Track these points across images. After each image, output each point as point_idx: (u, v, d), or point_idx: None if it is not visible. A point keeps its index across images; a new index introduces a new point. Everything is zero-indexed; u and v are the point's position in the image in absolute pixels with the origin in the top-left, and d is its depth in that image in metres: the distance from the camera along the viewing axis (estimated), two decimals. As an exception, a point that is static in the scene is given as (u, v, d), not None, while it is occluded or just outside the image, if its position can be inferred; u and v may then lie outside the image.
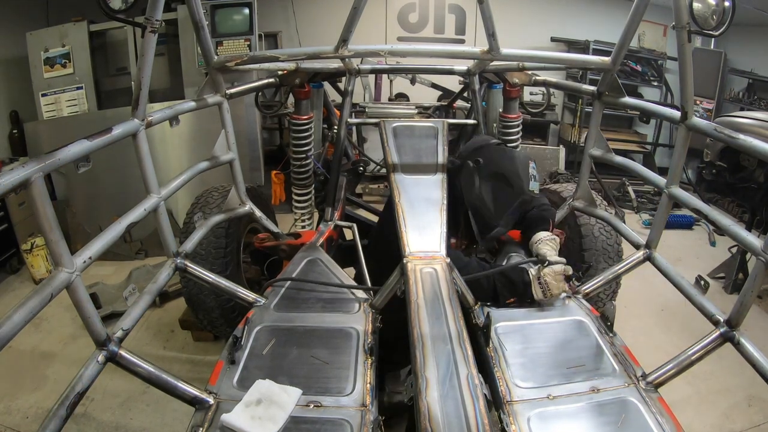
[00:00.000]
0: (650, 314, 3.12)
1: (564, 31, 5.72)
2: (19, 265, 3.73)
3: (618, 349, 1.47)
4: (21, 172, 1.07)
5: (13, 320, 1.01)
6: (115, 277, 3.53)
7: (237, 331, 1.50)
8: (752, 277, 1.31)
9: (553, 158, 5.63)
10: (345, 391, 1.30)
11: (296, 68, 2.45)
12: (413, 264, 1.56)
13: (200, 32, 1.88)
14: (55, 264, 1.18)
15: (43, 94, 4.03)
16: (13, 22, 4.18)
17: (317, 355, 1.43)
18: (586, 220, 2.31)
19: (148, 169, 1.62)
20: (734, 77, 5.38)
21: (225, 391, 1.31)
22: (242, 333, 1.50)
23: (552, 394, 1.29)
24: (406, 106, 3.19)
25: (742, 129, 2.27)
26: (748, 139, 1.34)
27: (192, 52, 3.89)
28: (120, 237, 1.43)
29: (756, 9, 4.25)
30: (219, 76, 2.05)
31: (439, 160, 2.02)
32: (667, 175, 1.71)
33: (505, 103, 2.63)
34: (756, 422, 2.30)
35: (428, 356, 1.16)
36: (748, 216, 3.62)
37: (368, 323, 1.57)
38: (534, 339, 1.51)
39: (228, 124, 2.10)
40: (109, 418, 2.28)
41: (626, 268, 1.84)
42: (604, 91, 1.98)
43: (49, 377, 2.57)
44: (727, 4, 1.53)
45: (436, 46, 2.07)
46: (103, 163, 3.32)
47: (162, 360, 2.60)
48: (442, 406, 1.03)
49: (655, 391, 1.32)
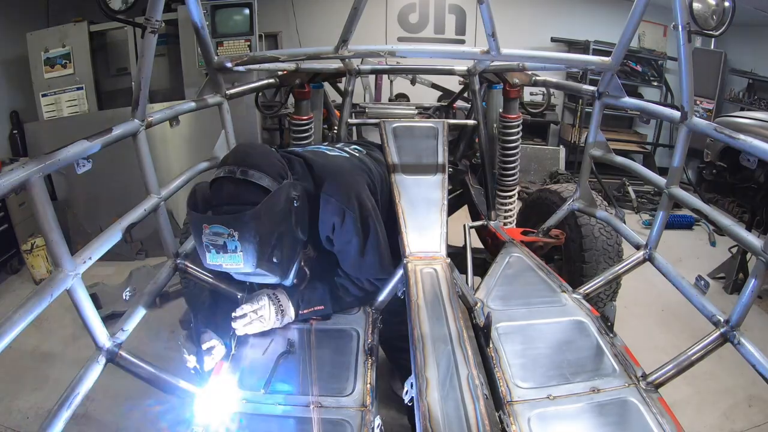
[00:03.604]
0: (650, 314, 3.12)
1: (564, 31, 5.72)
2: (20, 265, 3.73)
3: (618, 350, 1.47)
4: (21, 172, 1.07)
5: (13, 321, 1.01)
6: (115, 277, 3.53)
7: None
8: (752, 277, 1.31)
9: (553, 158, 5.64)
10: (345, 391, 1.30)
11: (296, 68, 2.45)
12: (413, 264, 1.56)
13: (200, 32, 1.88)
14: (55, 264, 1.18)
15: (44, 95, 4.03)
16: (13, 22, 4.19)
17: (317, 355, 1.43)
18: (586, 221, 2.31)
19: (148, 170, 1.62)
20: (734, 77, 5.37)
21: (225, 391, 1.30)
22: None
23: (552, 394, 1.29)
24: (407, 107, 3.20)
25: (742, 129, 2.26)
26: (748, 139, 1.34)
27: (192, 52, 3.88)
28: (120, 238, 1.44)
29: (756, 9, 4.25)
30: (219, 77, 2.05)
31: (439, 161, 2.02)
32: (667, 175, 1.71)
33: (505, 103, 2.63)
34: (756, 422, 2.30)
35: (428, 357, 1.16)
36: (748, 216, 3.61)
37: (368, 323, 1.57)
38: (534, 339, 1.51)
39: (228, 124, 2.10)
40: (110, 419, 2.28)
41: (626, 268, 1.83)
42: (604, 91, 1.98)
43: (50, 377, 2.56)
44: (727, 4, 1.53)
45: (436, 47, 2.07)
46: (104, 163, 3.30)
47: (162, 360, 2.59)
48: (443, 406, 1.03)
49: (656, 391, 1.32)
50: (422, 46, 5.01)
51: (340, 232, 1.51)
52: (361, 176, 1.64)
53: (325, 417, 1.22)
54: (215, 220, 1.20)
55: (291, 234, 1.37)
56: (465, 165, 3.06)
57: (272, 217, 1.26)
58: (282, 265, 1.37)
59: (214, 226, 1.19)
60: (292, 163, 1.51)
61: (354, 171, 1.63)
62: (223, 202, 1.26)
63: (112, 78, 4.30)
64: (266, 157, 1.37)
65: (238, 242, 1.20)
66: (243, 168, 1.28)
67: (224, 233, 1.19)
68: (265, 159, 1.36)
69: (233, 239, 1.19)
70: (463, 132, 3.16)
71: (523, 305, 1.69)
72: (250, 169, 1.28)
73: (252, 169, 1.28)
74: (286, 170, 1.41)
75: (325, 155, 1.68)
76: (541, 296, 1.75)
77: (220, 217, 1.21)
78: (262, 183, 1.28)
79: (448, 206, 1.83)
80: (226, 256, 1.22)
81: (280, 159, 1.43)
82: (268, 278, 1.40)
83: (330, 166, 1.57)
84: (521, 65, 2.45)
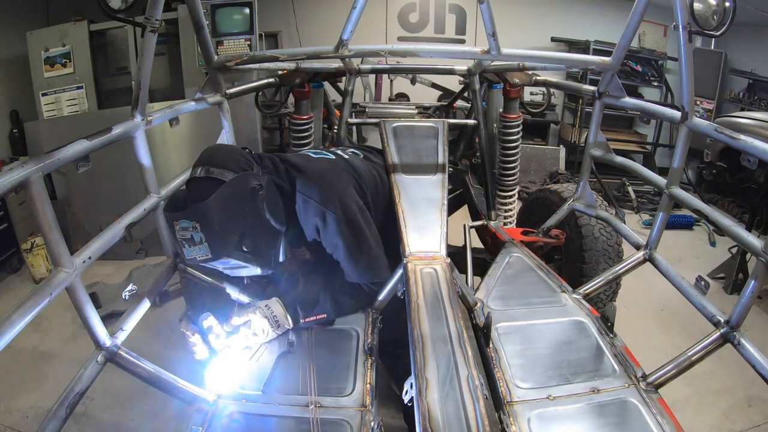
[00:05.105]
0: (650, 315, 3.12)
1: (564, 31, 5.72)
2: (19, 264, 3.73)
3: (618, 350, 1.46)
4: (21, 171, 1.07)
5: (13, 320, 1.01)
6: (114, 276, 3.52)
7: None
8: (752, 277, 1.30)
9: (553, 158, 5.64)
10: (345, 391, 1.30)
11: (296, 68, 2.45)
12: (413, 264, 1.56)
13: (200, 32, 1.88)
14: (55, 264, 1.18)
15: (44, 94, 4.03)
16: (13, 22, 4.19)
17: (317, 355, 1.43)
18: (586, 221, 2.31)
19: (147, 169, 1.62)
20: (734, 77, 5.37)
21: (225, 391, 1.30)
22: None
23: (552, 394, 1.29)
24: (407, 106, 3.20)
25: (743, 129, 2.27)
26: (749, 139, 1.34)
27: (192, 51, 3.89)
28: (120, 237, 1.43)
29: (756, 9, 4.25)
30: (219, 76, 2.05)
31: (439, 160, 2.02)
32: (667, 176, 1.71)
33: (505, 103, 2.63)
34: (756, 423, 2.30)
35: (428, 357, 1.16)
36: (748, 216, 3.61)
37: (368, 324, 1.56)
38: (534, 339, 1.51)
39: (228, 124, 2.10)
40: (109, 418, 2.28)
41: (626, 268, 1.83)
42: (604, 91, 1.98)
43: (49, 377, 2.57)
44: (727, 4, 1.53)
45: (436, 46, 2.06)
46: (103, 163, 3.31)
47: (162, 360, 2.58)
48: (442, 406, 1.02)
49: (656, 391, 1.32)
50: (422, 46, 5.00)
51: (325, 234, 1.53)
52: (345, 178, 1.62)
53: (325, 417, 1.22)
54: (179, 216, 1.28)
55: (262, 224, 1.41)
56: (465, 165, 3.06)
57: (231, 206, 1.32)
58: (257, 254, 1.40)
59: (181, 221, 1.27)
60: (263, 160, 1.55)
61: (336, 173, 1.62)
62: (191, 200, 1.33)
63: (111, 77, 4.30)
64: (229, 154, 1.44)
65: (201, 233, 1.27)
66: (206, 167, 1.36)
67: (188, 226, 1.27)
68: (227, 156, 1.42)
69: (197, 231, 1.27)
70: (463, 132, 3.16)
71: (523, 305, 1.69)
72: (212, 167, 1.35)
73: (213, 166, 1.35)
74: (251, 165, 1.45)
75: (308, 158, 1.69)
76: (541, 296, 1.74)
77: (183, 212, 1.28)
78: (223, 178, 1.34)
79: (448, 206, 1.83)
80: (195, 249, 1.29)
81: (246, 156, 1.48)
82: (249, 269, 1.43)
83: (308, 167, 1.58)
84: (521, 65, 2.45)
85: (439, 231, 1.71)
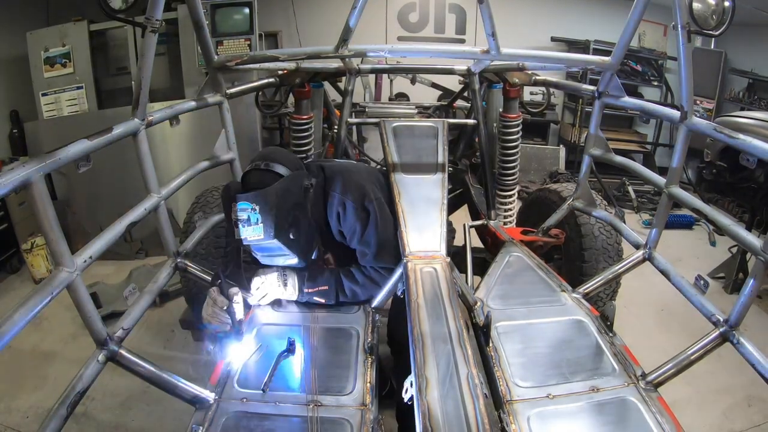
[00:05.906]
0: (650, 314, 3.12)
1: (564, 31, 5.72)
2: (20, 264, 3.74)
3: (618, 349, 1.47)
4: (21, 171, 1.07)
5: (14, 320, 1.01)
6: (115, 276, 3.53)
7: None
8: (751, 277, 1.31)
9: (553, 158, 5.64)
10: (345, 390, 1.31)
11: (296, 68, 2.45)
12: (413, 263, 1.56)
13: (200, 32, 1.88)
14: (56, 264, 1.18)
15: (44, 94, 4.02)
16: (13, 22, 4.18)
17: (317, 354, 1.43)
18: (586, 220, 2.31)
19: (148, 169, 1.63)
20: (734, 77, 5.37)
21: (225, 391, 1.31)
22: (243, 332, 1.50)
23: (552, 393, 1.29)
24: (407, 106, 3.20)
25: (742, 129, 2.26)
26: (748, 139, 1.34)
27: (192, 51, 3.88)
28: (120, 237, 1.44)
29: (756, 9, 4.25)
30: (219, 76, 2.05)
31: (439, 160, 2.02)
32: (666, 175, 1.71)
33: (505, 102, 2.63)
34: (756, 422, 2.30)
35: (428, 356, 1.16)
36: (748, 216, 3.62)
37: (368, 323, 1.57)
38: (534, 338, 1.51)
39: (228, 123, 2.10)
40: (110, 418, 2.28)
41: (626, 267, 1.83)
42: (604, 90, 1.98)
43: (50, 377, 2.57)
44: (727, 3, 1.53)
45: (436, 46, 2.07)
46: (104, 163, 3.31)
47: (162, 359, 2.60)
48: (442, 405, 1.03)
49: (655, 390, 1.32)
50: (422, 46, 5.01)
51: (344, 221, 1.68)
52: (368, 174, 1.81)
53: (325, 416, 1.22)
54: (241, 198, 1.44)
55: (307, 218, 1.60)
56: (465, 164, 3.06)
57: (287, 196, 1.51)
58: (299, 244, 1.57)
59: (240, 202, 1.43)
60: (309, 166, 1.76)
61: (360, 169, 1.83)
62: (249, 186, 1.51)
63: (112, 77, 4.28)
64: (286, 155, 1.66)
65: (259, 215, 1.43)
66: (266, 161, 1.56)
67: (248, 207, 1.43)
68: (285, 156, 1.64)
69: (255, 212, 1.43)
70: (463, 131, 3.16)
71: (523, 304, 1.69)
72: (272, 162, 1.56)
73: (273, 162, 1.56)
74: (302, 166, 1.67)
75: (340, 162, 1.94)
76: (541, 295, 1.75)
77: (245, 194, 1.45)
78: (280, 171, 1.55)
79: (448, 206, 1.83)
80: (249, 229, 1.44)
81: (298, 159, 1.71)
82: (287, 257, 1.59)
83: (338, 166, 1.79)
84: (521, 65, 2.45)
85: (439, 230, 1.71)
